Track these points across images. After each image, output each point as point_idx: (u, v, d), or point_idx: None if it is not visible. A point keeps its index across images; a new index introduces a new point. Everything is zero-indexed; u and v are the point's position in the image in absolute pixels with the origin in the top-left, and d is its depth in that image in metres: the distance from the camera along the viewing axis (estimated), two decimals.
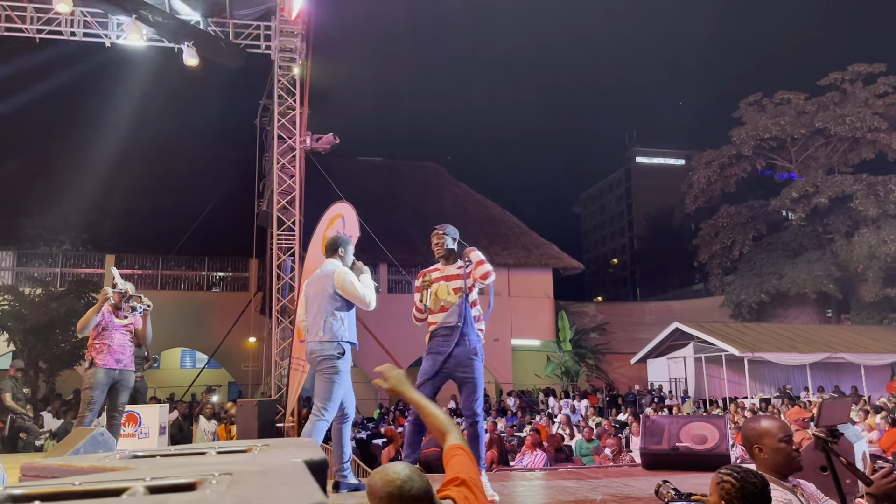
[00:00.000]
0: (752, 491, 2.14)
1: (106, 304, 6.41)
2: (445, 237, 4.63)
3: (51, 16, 12.58)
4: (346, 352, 4.65)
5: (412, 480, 1.86)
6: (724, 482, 2.18)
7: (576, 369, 26.09)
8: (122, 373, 6.32)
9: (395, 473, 1.87)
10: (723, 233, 30.50)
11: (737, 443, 9.51)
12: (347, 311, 4.71)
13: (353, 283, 4.66)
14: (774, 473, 2.55)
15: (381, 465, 2.21)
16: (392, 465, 1.97)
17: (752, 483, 2.16)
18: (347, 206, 11.00)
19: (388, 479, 1.86)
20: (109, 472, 1.00)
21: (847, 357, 19.97)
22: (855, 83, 28.68)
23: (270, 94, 13.94)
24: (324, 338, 4.64)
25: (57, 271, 22.87)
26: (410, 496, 1.84)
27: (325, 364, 4.62)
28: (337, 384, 4.60)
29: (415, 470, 1.92)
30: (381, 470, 1.94)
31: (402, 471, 1.89)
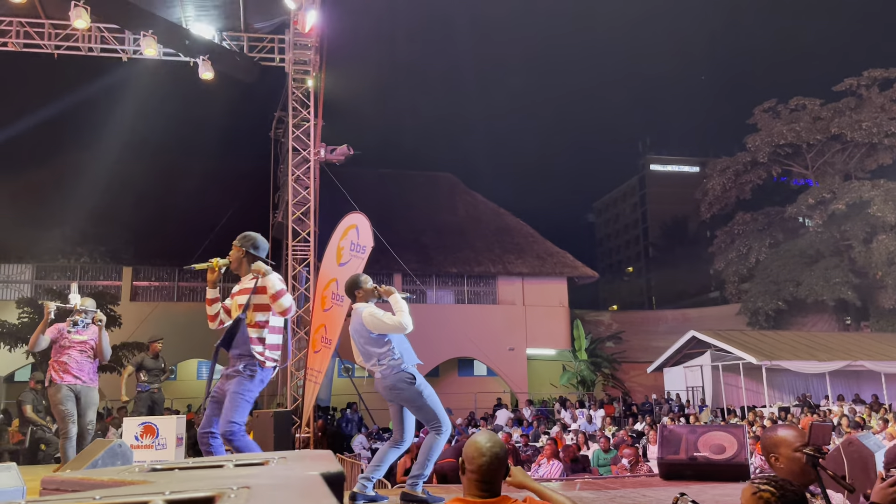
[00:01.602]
0: (792, 499, 2.05)
1: (64, 323, 6.52)
2: (239, 249, 4.65)
3: (68, 32, 12.77)
4: (416, 375, 4.72)
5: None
6: (763, 492, 2.07)
7: (592, 378, 25.95)
8: (81, 387, 6.40)
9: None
10: (738, 240, 30.29)
11: (756, 452, 9.41)
12: (396, 343, 4.73)
13: (382, 317, 4.66)
14: None
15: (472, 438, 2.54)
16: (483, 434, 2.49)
17: (791, 491, 2.07)
18: (361, 216, 11.05)
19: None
20: (129, 486, 1.01)
21: (867, 365, 19.71)
22: (871, 88, 28.45)
23: (285, 106, 14.06)
24: (390, 375, 4.71)
25: (75, 284, 23.05)
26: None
27: (407, 395, 4.69)
28: (429, 402, 4.70)
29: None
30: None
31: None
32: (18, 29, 12.85)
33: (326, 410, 19.13)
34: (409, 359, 4.77)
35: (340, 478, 1.16)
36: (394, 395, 4.75)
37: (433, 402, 4.71)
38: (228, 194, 23.13)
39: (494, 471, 2.38)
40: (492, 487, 2.38)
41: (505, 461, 2.44)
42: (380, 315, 4.68)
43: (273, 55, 13.70)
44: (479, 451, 2.37)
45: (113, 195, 22.76)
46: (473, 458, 2.37)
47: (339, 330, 11.09)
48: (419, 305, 24.96)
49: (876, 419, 13.90)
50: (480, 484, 2.36)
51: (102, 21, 12.59)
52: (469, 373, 26.33)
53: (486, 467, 2.36)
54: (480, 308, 25.93)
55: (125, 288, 23.27)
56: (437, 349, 24.09)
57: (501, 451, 2.43)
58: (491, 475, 2.37)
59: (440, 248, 26.13)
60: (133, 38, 12.91)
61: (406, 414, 4.81)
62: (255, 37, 13.65)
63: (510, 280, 26.18)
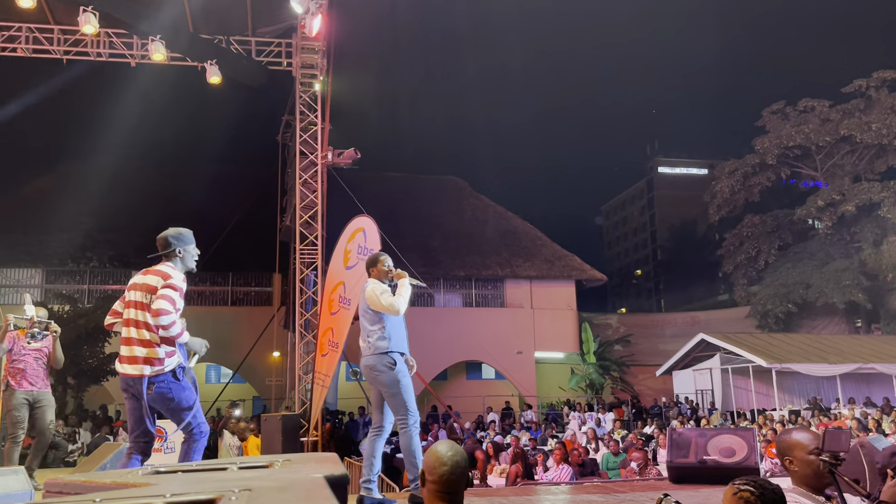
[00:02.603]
0: (771, 498, 2.12)
1: (17, 330, 6.63)
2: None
3: (77, 37, 12.84)
4: (397, 361, 4.68)
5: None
6: (743, 492, 2.15)
7: (600, 382, 25.87)
8: (37, 393, 6.51)
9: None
10: (747, 242, 30.16)
11: (766, 456, 9.35)
12: (389, 325, 4.72)
13: (380, 296, 4.67)
14: (806, 486, 2.51)
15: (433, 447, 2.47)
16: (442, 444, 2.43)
17: (771, 491, 2.14)
18: (369, 220, 11.05)
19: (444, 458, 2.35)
20: (131, 489, 1.00)
21: (878, 367, 19.56)
22: (880, 90, 28.30)
23: (292, 110, 14.09)
24: (372, 353, 4.71)
25: (84, 288, 23.19)
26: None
27: (382, 378, 4.67)
28: (403, 392, 4.65)
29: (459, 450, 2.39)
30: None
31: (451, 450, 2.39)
32: (28, 35, 12.93)
33: (335, 414, 19.13)
34: (397, 345, 4.73)
35: (344, 480, 1.14)
36: (372, 375, 4.72)
37: (407, 393, 4.65)
38: (236, 198, 23.19)
39: (456, 481, 2.31)
40: (455, 498, 2.32)
41: (467, 471, 2.38)
42: (378, 293, 4.68)
43: (280, 59, 13.73)
44: (440, 460, 2.31)
45: (121, 199, 22.88)
46: (434, 468, 2.31)
47: (347, 333, 11.09)
48: (427, 309, 24.96)
49: (888, 422, 13.80)
50: (443, 495, 2.29)
51: (111, 26, 12.65)
52: (477, 376, 26.29)
53: (448, 477, 2.30)
54: (488, 311, 25.89)
55: None
56: (445, 352, 24.07)
57: (463, 461, 2.37)
58: (454, 486, 2.31)
59: (447, 251, 26.12)
60: (141, 43, 12.96)
61: (403, 392, 4.74)
62: (262, 41, 13.69)
63: (518, 283, 26.14)
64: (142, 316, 4.09)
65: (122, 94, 24.91)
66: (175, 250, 4.23)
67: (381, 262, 4.93)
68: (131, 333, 4.10)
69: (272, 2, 12.77)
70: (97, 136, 30.02)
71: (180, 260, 4.24)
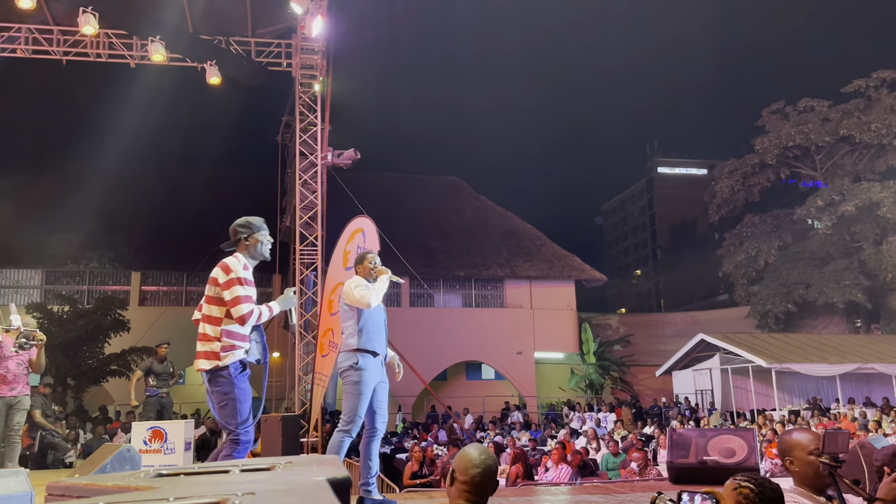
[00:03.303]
0: (770, 496, 2.18)
1: (3, 335, 6.68)
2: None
3: (77, 38, 12.84)
4: (360, 362, 4.54)
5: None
6: (743, 488, 2.22)
7: (600, 382, 25.86)
8: (15, 398, 6.63)
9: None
10: (747, 242, 30.14)
11: (766, 456, 9.36)
12: (363, 323, 4.62)
13: (353, 289, 4.59)
14: (807, 487, 2.52)
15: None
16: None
17: (770, 489, 2.20)
18: (367, 220, 11.06)
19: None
20: (134, 492, 1.00)
21: (878, 367, 19.56)
22: (880, 89, 28.29)
23: (292, 110, 14.10)
24: (341, 350, 4.69)
25: (84, 289, 23.19)
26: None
27: (345, 377, 4.62)
28: (353, 396, 4.53)
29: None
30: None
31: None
32: (27, 35, 12.93)
33: (335, 415, 19.13)
34: (367, 342, 4.60)
35: (346, 483, 1.15)
36: (339, 371, 4.66)
37: (357, 399, 4.51)
38: (236, 198, 23.22)
39: (486, 483, 2.35)
40: (481, 501, 2.34)
41: (496, 474, 2.42)
42: (353, 286, 4.60)
43: (280, 60, 13.74)
44: (472, 462, 2.34)
45: (122, 200, 22.88)
46: (466, 470, 2.34)
47: None
48: (427, 309, 24.96)
49: (888, 422, 13.80)
50: (470, 496, 2.32)
51: (110, 27, 12.65)
52: (477, 376, 26.29)
53: (479, 479, 2.32)
54: (488, 311, 25.89)
55: (133, 292, 23.35)
56: (445, 353, 24.07)
57: (494, 465, 2.40)
58: (482, 488, 2.34)
59: (447, 251, 26.13)
60: (141, 43, 12.97)
61: (373, 399, 4.66)
62: (261, 42, 13.69)
63: (518, 283, 26.13)
64: (206, 310, 4.09)
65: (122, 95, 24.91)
66: (241, 239, 4.18)
67: (368, 261, 4.85)
68: (200, 328, 4.10)
69: (272, 3, 12.78)
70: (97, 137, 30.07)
71: (247, 248, 4.18)
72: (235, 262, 4.03)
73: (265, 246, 4.21)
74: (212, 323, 4.01)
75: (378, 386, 4.70)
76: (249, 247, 4.16)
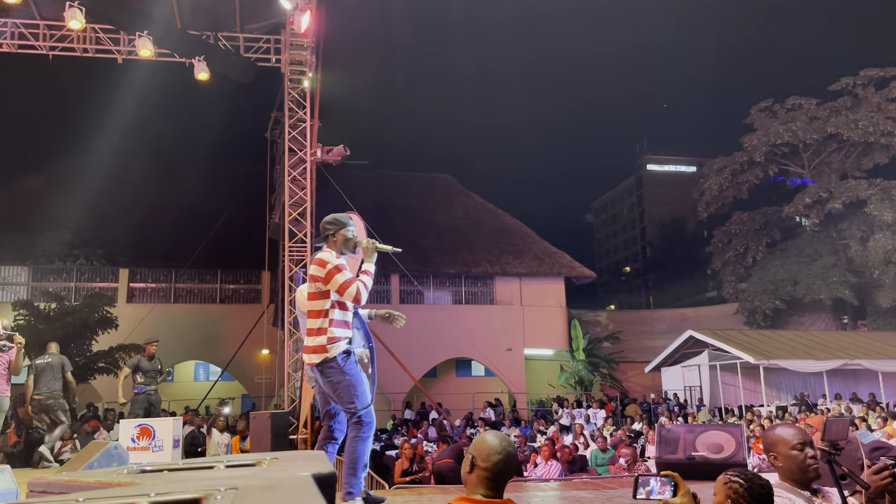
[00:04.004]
0: (758, 492, 2.23)
1: None
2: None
3: (63, 33, 12.72)
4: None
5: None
6: (733, 482, 2.27)
7: (589, 378, 25.94)
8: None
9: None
10: (736, 239, 30.30)
11: (754, 451, 9.41)
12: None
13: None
14: (791, 481, 2.54)
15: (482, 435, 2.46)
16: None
17: (759, 485, 2.26)
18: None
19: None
20: (115, 488, 0.99)
21: (864, 364, 19.72)
22: (867, 88, 28.50)
23: (281, 106, 14.03)
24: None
25: (72, 286, 23.04)
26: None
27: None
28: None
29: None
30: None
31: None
32: (13, 30, 12.80)
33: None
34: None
35: (332, 479, 1.14)
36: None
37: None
38: (225, 195, 23.14)
39: (506, 470, 2.34)
40: (500, 487, 2.33)
41: (517, 461, 2.41)
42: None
43: (269, 55, 13.66)
44: (495, 449, 2.33)
45: (109, 197, 22.74)
46: (489, 456, 2.32)
47: None
48: (417, 306, 24.95)
49: (874, 417, 13.91)
50: (491, 483, 2.31)
51: (97, 22, 12.54)
52: (467, 373, 26.33)
53: (501, 465, 2.32)
54: (478, 308, 25.92)
55: (122, 290, 23.22)
56: (435, 350, 24.07)
57: (514, 451, 2.40)
58: (503, 475, 2.33)
59: (438, 248, 26.12)
60: (128, 38, 12.86)
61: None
62: (250, 37, 13.61)
63: (508, 280, 26.17)
64: (310, 305, 4.20)
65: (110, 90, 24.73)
66: (329, 235, 4.33)
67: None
68: (308, 324, 4.21)
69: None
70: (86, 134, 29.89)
71: (335, 243, 4.30)
72: (329, 255, 4.19)
73: (351, 241, 4.34)
74: (317, 317, 4.15)
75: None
76: (337, 242, 4.31)
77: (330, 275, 4.07)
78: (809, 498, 2.51)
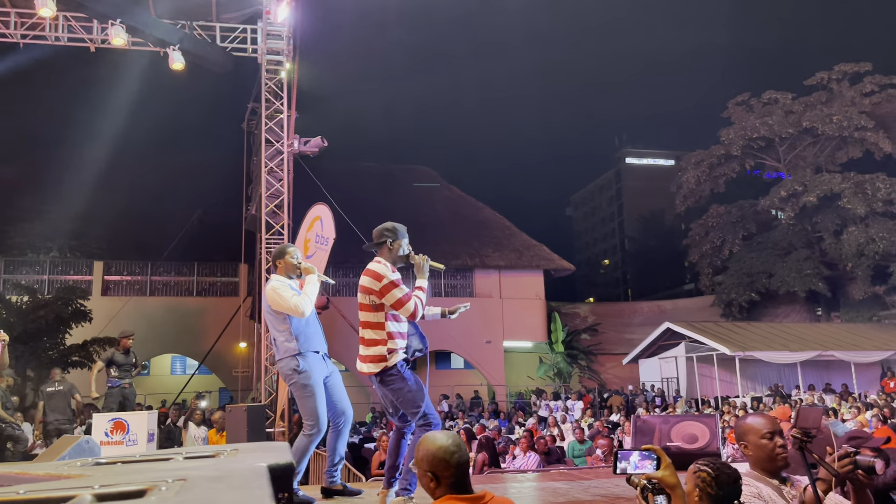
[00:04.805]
0: (725, 481, 2.29)
1: None
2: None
3: (34, 21, 12.48)
4: (301, 364, 4.40)
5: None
6: (701, 472, 2.33)
7: (568, 370, 26.09)
8: None
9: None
10: (713, 232, 30.58)
11: (728, 441, 9.51)
12: (294, 325, 4.43)
13: (283, 296, 4.37)
14: (761, 470, 2.57)
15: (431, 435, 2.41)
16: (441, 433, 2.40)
17: (726, 474, 2.32)
18: (325, 207, 10.97)
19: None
20: (61, 480, 0.96)
21: (837, 355, 20.03)
22: (841, 82, 28.85)
23: (258, 97, 13.89)
24: (280, 359, 4.48)
25: (45, 278, 22.71)
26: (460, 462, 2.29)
27: (291, 384, 4.48)
28: (307, 399, 4.42)
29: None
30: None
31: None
32: None
33: None
34: (307, 344, 4.46)
35: (289, 469, 1.11)
36: (284, 377, 4.56)
37: (314, 401, 4.40)
38: (201, 187, 22.89)
39: (464, 461, 2.30)
40: (467, 481, 2.29)
41: (462, 444, 2.38)
42: (280, 291, 4.38)
43: (245, 45, 13.50)
44: (448, 450, 2.27)
45: (84, 188, 22.37)
46: (448, 463, 2.25)
47: None
48: None
49: (846, 407, 14.13)
50: (461, 481, 2.27)
51: (69, 9, 12.31)
52: (446, 366, 26.35)
53: (459, 461, 2.27)
54: (457, 301, 25.89)
55: (96, 282, 22.92)
56: None
57: (458, 438, 2.38)
58: (464, 466, 2.29)
59: (417, 241, 25.55)
60: (101, 27, 12.64)
61: (330, 394, 4.54)
62: (226, 27, 13.44)
63: (487, 273, 26.20)
64: (364, 316, 4.20)
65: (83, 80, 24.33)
66: (385, 242, 4.35)
67: (289, 255, 4.54)
68: (362, 334, 4.23)
69: None
70: (57, 125, 29.40)
71: (389, 252, 4.33)
72: (384, 268, 4.18)
73: (404, 253, 4.38)
74: (374, 328, 4.15)
75: (329, 380, 4.57)
76: (392, 251, 4.33)
77: (386, 289, 4.08)
78: (778, 486, 2.54)
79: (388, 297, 4.08)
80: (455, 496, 2.24)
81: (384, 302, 4.08)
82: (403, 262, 4.38)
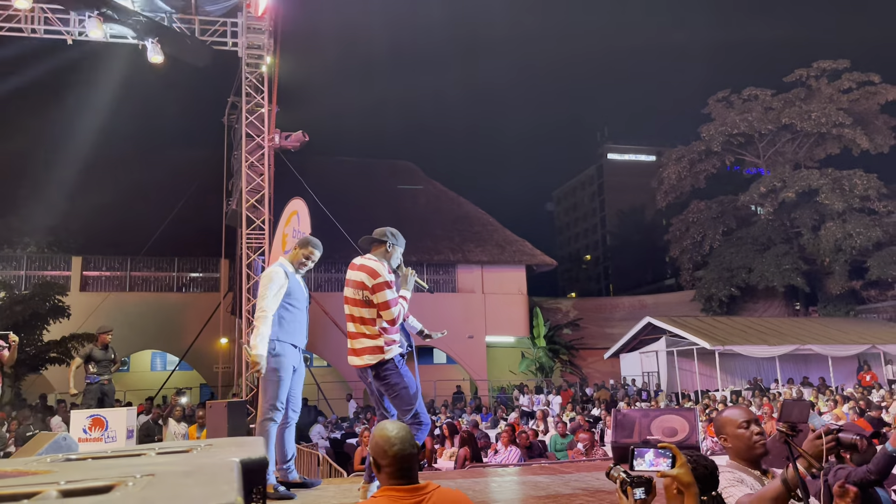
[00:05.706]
0: (702, 472, 2.34)
1: None
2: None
3: (10, 12, 12.28)
4: (277, 348, 4.44)
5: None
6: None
7: (550, 365, 26.19)
8: None
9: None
10: (693, 228, 30.80)
11: (707, 434, 9.60)
12: (282, 311, 4.49)
13: (268, 287, 4.44)
14: (741, 460, 2.59)
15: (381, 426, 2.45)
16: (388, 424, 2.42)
17: (703, 465, 2.38)
18: (301, 202, 10.92)
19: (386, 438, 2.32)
20: (28, 476, 0.94)
21: (815, 349, 20.29)
22: (820, 79, 29.13)
23: (238, 91, 13.79)
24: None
25: (22, 274, 22.40)
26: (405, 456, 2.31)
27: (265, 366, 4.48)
28: (271, 385, 4.45)
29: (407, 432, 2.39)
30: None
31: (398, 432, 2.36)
32: None
33: None
34: (287, 335, 4.51)
35: (262, 463, 1.10)
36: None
37: (277, 386, 4.44)
38: (181, 182, 22.65)
39: (409, 456, 2.33)
40: (410, 474, 2.33)
41: (416, 446, 2.41)
42: (271, 281, 4.45)
43: (225, 39, 13.39)
44: (389, 441, 2.32)
45: (61, 183, 22.09)
46: (385, 450, 2.31)
47: None
48: None
49: (823, 400, 14.31)
50: (399, 473, 2.31)
51: (45, 1, 12.14)
52: (428, 361, 26.35)
53: (400, 454, 2.31)
54: (440, 296, 25.90)
55: (75, 278, 22.66)
56: None
57: (410, 436, 2.39)
58: (406, 461, 2.32)
59: None
60: (78, 19, 12.47)
61: (270, 384, 4.50)
62: (206, 20, 13.32)
63: (469, 268, 26.22)
64: (356, 311, 4.16)
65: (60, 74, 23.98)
66: (385, 242, 4.31)
67: (313, 249, 4.66)
68: (352, 328, 4.19)
69: None
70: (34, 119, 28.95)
71: (387, 255, 4.29)
72: (381, 267, 4.15)
73: (397, 263, 4.35)
74: (367, 324, 4.13)
75: (294, 375, 4.59)
76: (389, 255, 4.30)
77: (378, 287, 4.06)
78: (759, 477, 2.56)
79: (377, 296, 4.06)
80: (393, 488, 2.29)
81: (373, 299, 4.07)
82: (394, 269, 4.35)
